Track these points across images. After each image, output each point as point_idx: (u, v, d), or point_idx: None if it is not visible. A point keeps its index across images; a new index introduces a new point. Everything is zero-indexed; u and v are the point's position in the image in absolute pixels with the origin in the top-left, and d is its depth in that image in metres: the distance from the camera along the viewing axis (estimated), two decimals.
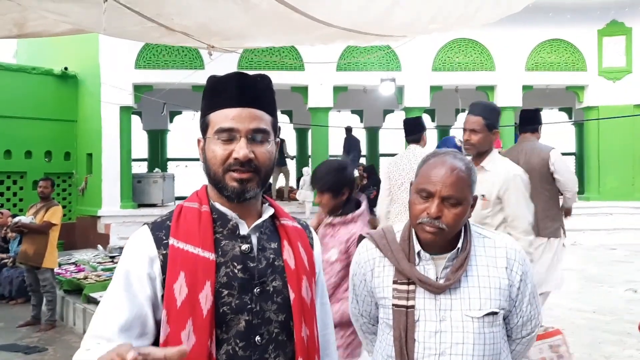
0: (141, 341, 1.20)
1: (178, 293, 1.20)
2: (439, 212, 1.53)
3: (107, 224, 10.07)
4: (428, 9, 4.47)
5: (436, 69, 11.20)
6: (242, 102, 1.29)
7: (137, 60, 10.46)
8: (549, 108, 15.76)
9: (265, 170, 1.31)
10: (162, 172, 12.03)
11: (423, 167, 1.62)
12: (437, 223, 1.53)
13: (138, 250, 1.27)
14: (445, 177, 1.54)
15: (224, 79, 1.32)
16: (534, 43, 11.31)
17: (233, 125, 1.27)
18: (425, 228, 1.55)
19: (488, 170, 3.10)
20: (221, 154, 1.27)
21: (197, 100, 7.93)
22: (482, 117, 3.13)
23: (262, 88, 1.34)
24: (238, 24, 5.08)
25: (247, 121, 1.28)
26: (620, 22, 11.10)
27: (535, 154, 4.14)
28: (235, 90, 1.30)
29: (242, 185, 1.27)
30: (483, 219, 3.06)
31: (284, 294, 1.31)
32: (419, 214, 1.56)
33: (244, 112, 1.28)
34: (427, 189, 1.55)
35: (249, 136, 1.28)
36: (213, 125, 1.30)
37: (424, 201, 1.56)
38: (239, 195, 1.27)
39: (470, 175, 1.58)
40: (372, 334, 1.85)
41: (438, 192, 1.53)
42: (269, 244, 1.34)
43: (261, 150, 1.29)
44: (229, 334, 1.23)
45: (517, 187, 3.05)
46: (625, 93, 11.13)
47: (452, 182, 1.53)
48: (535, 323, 1.70)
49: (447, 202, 1.54)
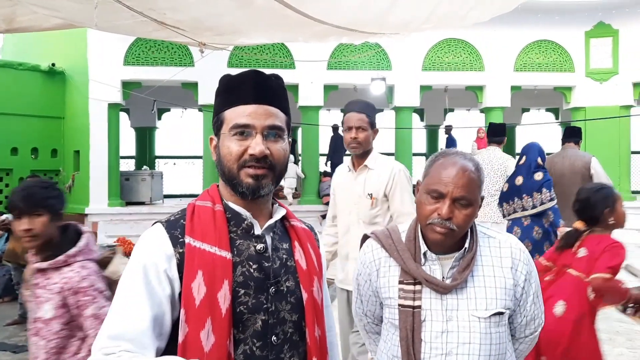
0: (158, 342, 1.18)
1: (197, 292, 1.19)
2: (450, 213, 1.52)
3: (94, 222, 9.98)
4: (424, 9, 4.49)
5: (426, 69, 11.23)
6: (258, 99, 1.30)
7: (126, 57, 10.37)
8: (536, 108, 15.92)
9: (279, 168, 1.31)
10: (150, 170, 11.94)
11: (433, 167, 1.61)
12: (448, 224, 1.52)
13: (155, 247, 1.24)
14: (457, 178, 1.53)
15: (240, 77, 1.33)
16: (522, 44, 11.39)
17: (249, 122, 1.27)
18: (435, 229, 1.54)
19: (372, 168, 3.08)
20: (237, 150, 1.27)
21: (186, 97, 7.96)
22: (365, 115, 3.05)
23: (277, 86, 1.36)
24: (232, 20, 5.06)
25: (263, 118, 1.28)
26: (607, 24, 11.22)
27: (578, 159, 5.13)
28: (251, 87, 1.30)
29: (257, 182, 1.27)
30: (373, 219, 3.03)
31: (297, 294, 1.32)
32: (430, 214, 1.55)
33: (260, 108, 1.29)
34: (438, 189, 1.54)
35: (265, 133, 1.28)
36: (228, 121, 1.30)
37: (435, 202, 1.55)
38: (254, 191, 1.27)
39: (480, 176, 1.58)
40: (376, 334, 1.84)
41: (450, 193, 1.52)
42: (281, 244, 1.35)
43: (276, 147, 1.29)
44: (246, 334, 1.23)
45: (402, 183, 3.03)
46: (612, 94, 11.25)
47: (464, 184, 1.53)
48: (538, 322, 1.71)
49: (458, 203, 1.53)
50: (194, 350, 1.16)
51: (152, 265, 1.21)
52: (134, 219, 10.09)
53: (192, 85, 10.64)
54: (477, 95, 11.52)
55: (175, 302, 1.21)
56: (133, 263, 1.24)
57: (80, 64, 10.24)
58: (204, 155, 11.00)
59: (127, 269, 1.24)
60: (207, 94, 10.52)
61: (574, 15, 11.06)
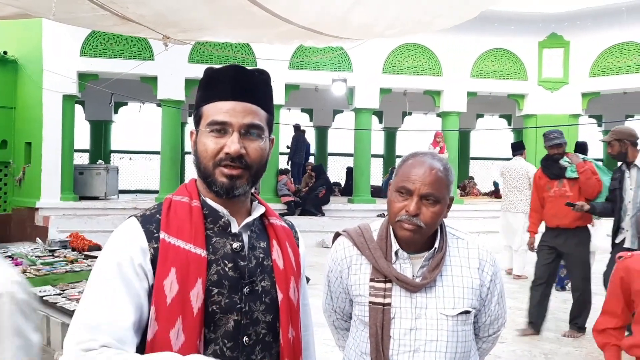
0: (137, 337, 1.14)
1: (168, 290, 1.16)
2: (417, 210, 1.56)
3: (45, 216, 9.67)
4: (387, 14, 4.58)
5: (386, 72, 11.40)
6: (237, 96, 1.26)
7: (83, 48, 10.10)
8: (491, 114, 16.38)
9: (256, 167, 1.28)
10: (105, 164, 11.67)
11: (402, 167, 1.65)
12: (416, 221, 1.56)
13: (129, 241, 1.20)
14: (425, 176, 1.57)
15: (221, 71, 1.29)
16: (479, 51, 11.72)
17: (226, 119, 1.24)
18: (403, 225, 1.58)
19: None
20: (212, 148, 1.24)
21: (145, 91, 7.85)
22: None
23: (259, 83, 1.31)
24: (197, 16, 5.02)
25: (241, 115, 1.25)
26: (560, 35, 11.67)
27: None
28: (231, 83, 1.27)
29: (232, 182, 1.24)
30: None
31: (272, 294, 1.29)
32: (398, 211, 1.59)
33: (239, 106, 1.25)
34: (406, 186, 1.58)
35: (242, 131, 1.25)
36: (206, 117, 1.27)
37: (403, 199, 1.59)
38: (228, 191, 1.25)
39: (447, 176, 1.62)
40: (344, 330, 1.88)
41: (417, 190, 1.56)
42: (258, 243, 1.32)
43: (254, 146, 1.26)
44: (217, 334, 1.21)
45: None
46: (562, 103, 11.72)
47: (431, 181, 1.57)
48: (501, 322, 1.78)
49: (425, 200, 1.57)
50: (162, 349, 1.13)
51: (127, 259, 1.17)
52: (88, 214, 9.85)
53: (152, 79, 10.46)
54: (435, 99, 11.77)
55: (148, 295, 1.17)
56: (106, 258, 1.19)
57: (34, 53, 9.90)
58: (161, 151, 10.81)
59: (100, 262, 1.19)
60: (167, 88, 10.37)
61: (528, 25, 11.46)
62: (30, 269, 6.60)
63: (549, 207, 5.21)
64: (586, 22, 11.05)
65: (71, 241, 7.78)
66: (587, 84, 11.53)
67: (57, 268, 5.70)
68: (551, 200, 5.20)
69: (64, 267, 5.93)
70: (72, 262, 6.51)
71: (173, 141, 10.74)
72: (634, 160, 4.55)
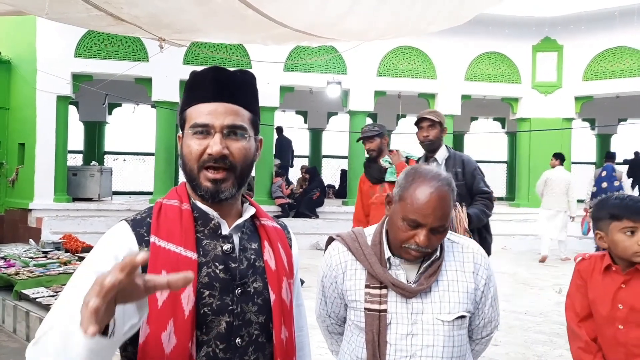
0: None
1: (159, 293, 1.15)
2: (427, 242, 1.54)
3: (39, 218, 9.63)
4: (380, 20, 4.59)
5: (381, 75, 11.43)
6: (218, 97, 1.26)
7: (77, 49, 10.07)
8: (484, 117, 16.44)
9: (241, 168, 1.27)
10: (99, 166, 11.63)
11: (409, 191, 1.57)
12: (424, 249, 1.56)
13: (119, 244, 1.21)
14: (437, 209, 1.52)
15: (202, 74, 1.29)
16: (473, 54, 11.77)
17: (208, 121, 1.24)
18: (411, 252, 1.57)
19: None
20: (196, 150, 1.24)
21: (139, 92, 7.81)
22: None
23: (241, 83, 1.31)
24: (191, 17, 5.00)
25: (222, 116, 1.25)
26: (553, 39, 11.74)
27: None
28: (211, 84, 1.27)
29: (216, 186, 1.24)
30: None
31: (265, 295, 1.29)
32: (406, 240, 1.56)
33: (220, 107, 1.25)
34: (417, 220, 1.53)
35: (225, 132, 1.24)
36: (189, 120, 1.27)
37: (412, 229, 1.55)
38: (213, 195, 1.25)
39: (453, 196, 1.59)
40: (338, 335, 1.88)
41: (429, 224, 1.53)
42: (249, 244, 1.32)
43: (237, 146, 1.26)
44: (209, 336, 1.21)
45: None
46: (555, 107, 11.78)
47: (443, 214, 1.53)
48: (494, 325, 1.79)
49: (435, 230, 1.55)
50: (155, 351, 1.13)
51: (112, 259, 1.16)
52: (81, 216, 9.81)
53: (146, 80, 10.44)
54: (429, 102, 11.81)
55: None
56: (94, 258, 1.19)
57: (28, 54, 9.87)
58: (156, 153, 10.79)
59: (86, 263, 1.19)
60: (161, 90, 10.36)
61: (522, 29, 11.52)
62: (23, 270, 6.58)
63: (372, 215, 4.32)
64: (579, 26, 11.12)
65: (64, 243, 7.75)
66: (580, 87, 11.61)
67: (51, 270, 5.68)
68: (374, 208, 4.32)
69: (57, 269, 5.90)
70: (65, 264, 6.49)
71: (167, 143, 10.71)
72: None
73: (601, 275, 2.08)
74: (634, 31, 10.49)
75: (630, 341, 1.99)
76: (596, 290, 2.08)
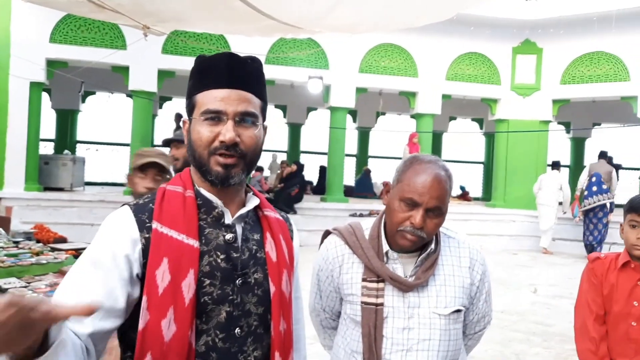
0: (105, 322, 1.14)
1: (160, 279, 1.16)
2: (423, 223, 1.54)
3: (8, 207, 9.34)
4: (371, 11, 4.55)
5: (363, 71, 11.40)
6: (231, 84, 1.26)
7: (53, 34, 9.79)
8: (463, 117, 16.58)
9: (251, 156, 1.27)
10: (72, 155, 11.34)
11: (407, 174, 1.59)
12: (420, 233, 1.54)
13: (119, 231, 1.20)
14: (433, 189, 1.53)
15: (214, 59, 1.28)
16: (454, 54, 11.83)
17: (221, 107, 1.23)
18: (406, 236, 1.56)
19: None
20: (207, 136, 1.23)
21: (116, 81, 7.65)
22: None
23: (253, 70, 1.31)
24: (175, 7, 4.90)
25: (236, 103, 1.24)
26: (533, 41, 11.87)
27: None
28: (225, 70, 1.26)
29: (227, 171, 1.24)
30: None
31: (265, 286, 1.29)
32: (402, 221, 1.56)
33: (233, 93, 1.25)
34: (413, 199, 1.54)
35: (237, 119, 1.24)
36: (200, 106, 1.26)
37: (408, 210, 1.55)
38: (223, 180, 1.24)
39: (451, 185, 1.60)
40: (332, 329, 1.86)
41: (425, 203, 1.53)
42: (252, 234, 1.32)
43: (248, 134, 1.26)
44: (209, 325, 1.20)
45: None
46: (533, 109, 11.92)
47: (439, 195, 1.54)
48: (487, 320, 1.80)
49: (431, 212, 1.54)
50: (154, 338, 1.14)
51: (110, 248, 1.18)
52: (53, 205, 9.55)
53: (123, 69, 10.20)
54: (410, 100, 11.84)
55: (132, 286, 1.18)
56: (92, 245, 1.20)
57: (2, 39, 9.51)
58: (131, 144, 10.56)
59: (87, 250, 1.20)
60: (139, 79, 10.14)
61: (503, 31, 11.61)
62: None
63: None
64: (559, 30, 11.26)
65: (35, 233, 7.52)
66: (558, 91, 11.77)
67: (22, 260, 5.49)
68: None
69: (30, 259, 5.74)
70: (37, 254, 6.29)
71: (143, 133, 10.49)
72: None
73: (617, 272, 2.15)
74: (611, 37, 10.67)
75: None
76: (611, 287, 2.15)
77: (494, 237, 11.11)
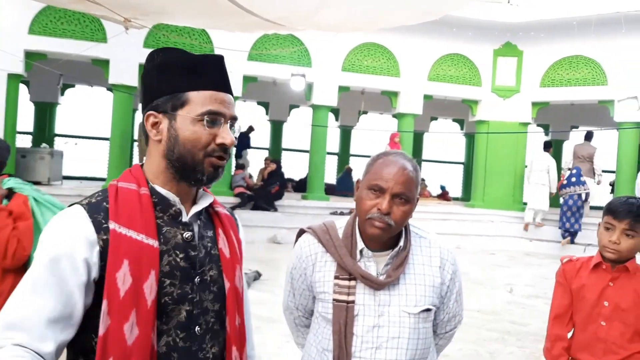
0: (63, 335, 1.11)
1: (121, 283, 1.13)
2: (389, 208, 1.57)
3: None
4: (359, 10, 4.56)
5: (345, 70, 11.42)
6: (226, 87, 1.29)
7: (32, 25, 9.63)
8: (444, 118, 16.69)
9: (229, 156, 1.32)
10: (50, 148, 11.18)
11: (374, 165, 1.65)
12: (387, 219, 1.57)
13: (74, 233, 1.15)
14: (398, 175, 1.59)
15: (207, 59, 1.28)
16: (437, 55, 11.90)
17: (222, 110, 1.25)
18: (374, 223, 1.58)
19: None
20: (206, 138, 1.23)
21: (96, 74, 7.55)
22: None
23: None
24: (160, 2, 4.85)
25: (231, 107, 1.28)
26: (514, 44, 12.00)
27: None
28: (220, 73, 1.28)
29: (216, 172, 1.27)
30: None
31: (220, 283, 1.31)
32: (370, 209, 1.60)
33: (227, 97, 1.28)
34: (379, 184, 1.59)
35: (229, 122, 1.27)
36: (196, 105, 1.24)
37: (375, 197, 1.60)
38: (211, 180, 1.27)
39: (417, 177, 1.64)
40: (305, 327, 1.87)
41: (390, 188, 1.57)
42: (205, 232, 1.33)
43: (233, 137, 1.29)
44: (169, 325, 1.20)
45: None
46: (513, 111, 12.06)
47: (404, 181, 1.58)
48: (458, 320, 1.82)
49: (397, 199, 1.58)
50: (116, 343, 1.11)
51: (68, 252, 1.13)
52: None
53: (103, 62, 10.08)
54: (392, 100, 11.88)
55: (89, 291, 1.15)
56: (45, 248, 1.14)
57: None
58: (111, 138, 10.44)
59: (39, 254, 1.14)
60: (119, 73, 10.02)
61: (485, 33, 11.72)
62: None
63: None
64: (539, 33, 11.40)
65: None
66: (537, 93, 11.91)
67: None
68: None
69: None
70: None
71: (124, 128, 10.38)
72: None
73: (588, 273, 2.20)
74: (590, 42, 10.84)
75: (610, 338, 2.11)
76: (581, 287, 2.20)
77: (473, 237, 11.22)
